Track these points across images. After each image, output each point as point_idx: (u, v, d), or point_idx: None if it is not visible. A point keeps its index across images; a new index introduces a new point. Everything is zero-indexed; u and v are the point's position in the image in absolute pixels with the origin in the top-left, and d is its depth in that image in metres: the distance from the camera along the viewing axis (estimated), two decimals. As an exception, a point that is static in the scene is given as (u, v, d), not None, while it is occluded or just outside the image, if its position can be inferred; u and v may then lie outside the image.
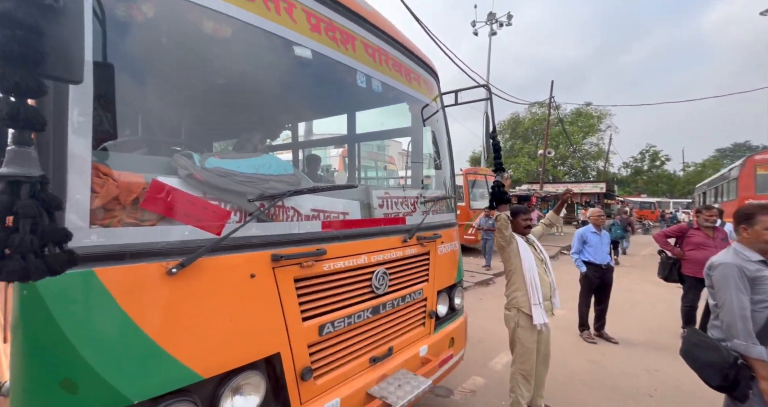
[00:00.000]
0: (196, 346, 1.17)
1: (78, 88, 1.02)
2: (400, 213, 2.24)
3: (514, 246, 2.70)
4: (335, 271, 1.69)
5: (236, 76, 1.96)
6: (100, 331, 0.99)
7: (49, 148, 0.97)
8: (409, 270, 2.20)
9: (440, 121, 2.97)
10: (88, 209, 1.02)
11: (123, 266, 1.03)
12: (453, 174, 3.01)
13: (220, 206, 1.33)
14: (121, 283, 1.02)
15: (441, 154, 3.00)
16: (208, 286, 1.21)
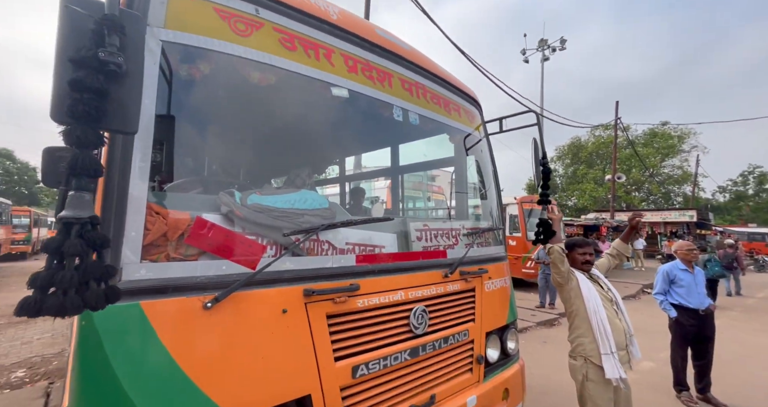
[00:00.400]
0: (228, 385, 1.18)
1: (141, 139, 1.17)
2: (440, 246, 2.15)
3: (574, 283, 2.42)
4: (370, 308, 1.64)
5: (283, 119, 2.14)
6: (141, 364, 1.06)
7: (113, 191, 1.11)
8: (452, 308, 2.06)
9: (484, 150, 2.90)
10: (141, 245, 1.13)
11: (165, 299, 1.11)
12: (500, 204, 2.86)
13: (257, 241, 1.39)
14: (162, 317, 1.09)
15: (486, 183, 2.89)
16: (242, 321, 1.24)
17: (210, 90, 1.61)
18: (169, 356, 1.08)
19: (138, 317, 1.05)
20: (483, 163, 2.91)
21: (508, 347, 2.45)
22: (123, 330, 1.05)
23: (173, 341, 1.09)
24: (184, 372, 1.10)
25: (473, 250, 2.35)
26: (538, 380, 4.11)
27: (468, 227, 2.43)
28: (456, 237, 2.30)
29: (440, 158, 3.41)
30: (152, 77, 1.23)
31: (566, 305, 2.57)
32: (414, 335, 1.81)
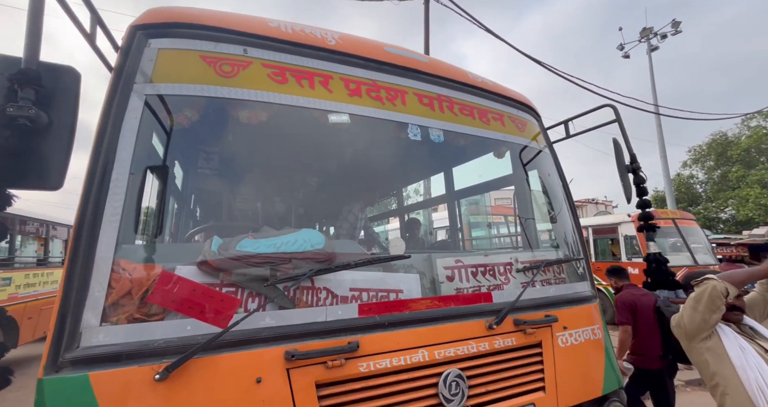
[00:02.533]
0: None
1: (114, 193, 1.20)
2: (482, 287, 1.76)
3: (713, 342, 1.71)
4: (377, 373, 1.35)
5: (288, 155, 2.11)
6: None
7: (80, 245, 1.12)
8: (505, 372, 1.61)
9: (547, 163, 2.43)
10: (102, 306, 1.10)
11: (115, 370, 1.03)
12: (577, 225, 2.30)
13: (233, 294, 1.28)
14: (109, 391, 1.02)
15: (554, 202, 2.39)
16: (202, 395, 1.09)
17: (202, 135, 1.65)
18: None
19: (84, 391, 0.99)
20: (547, 178, 2.43)
21: (608, 429, 1.81)
22: (69, 397, 0.98)
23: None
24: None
25: (534, 290, 1.87)
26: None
27: (524, 260, 1.96)
28: (507, 273, 1.87)
29: (496, 178, 3.02)
30: (131, 131, 1.28)
31: (704, 374, 1.83)
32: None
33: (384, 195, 4.29)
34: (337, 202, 3.47)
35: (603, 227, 9.51)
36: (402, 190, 4.40)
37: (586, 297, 2.05)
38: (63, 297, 1.06)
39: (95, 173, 1.17)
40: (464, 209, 3.57)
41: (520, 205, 2.70)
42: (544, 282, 1.98)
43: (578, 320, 1.92)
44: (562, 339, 1.82)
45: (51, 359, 1.00)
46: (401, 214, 4.42)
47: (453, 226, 3.51)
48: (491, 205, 3.52)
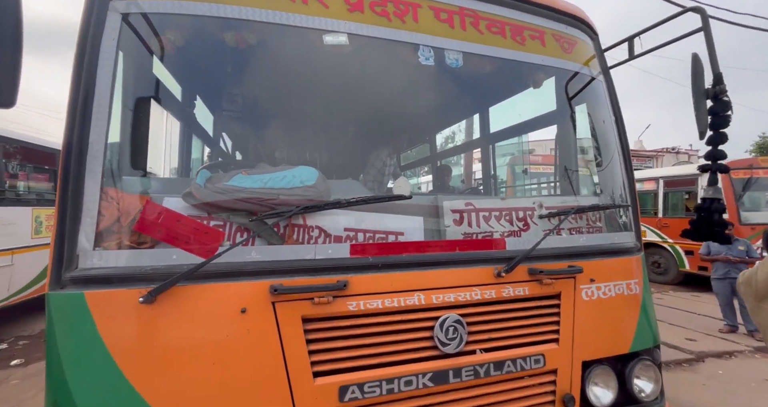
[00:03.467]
0: (170, 392, 1.11)
1: (97, 119, 1.19)
2: (495, 233, 1.61)
3: None
4: (367, 313, 1.32)
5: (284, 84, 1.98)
6: (81, 353, 1.08)
7: (70, 174, 1.16)
8: (513, 321, 1.52)
9: (600, 94, 2.06)
10: (94, 232, 1.15)
11: (107, 291, 1.10)
12: (628, 170, 1.98)
13: (219, 228, 1.28)
14: (103, 309, 1.09)
15: (603, 142, 2.06)
16: (187, 319, 1.15)
17: (197, 62, 1.58)
18: (105, 349, 1.07)
19: (81, 306, 1.08)
20: (597, 114, 2.08)
21: (634, 387, 1.69)
22: (69, 317, 1.08)
23: (111, 335, 1.08)
24: (120, 370, 1.08)
25: (559, 239, 1.69)
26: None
27: (551, 205, 1.75)
28: (527, 220, 1.68)
29: (536, 117, 2.67)
30: (110, 53, 1.24)
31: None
32: (442, 354, 1.39)
33: (415, 141, 4.06)
34: (363, 148, 3.35)
35: (678, 179, 8.41)
36: (435, 137, 4.13)
37: (626, 249, 1.82)
38: (59, 222, 1.12)
39: (77, 99, 1.17)
40: (499, 155, 3.27)
41: (561, 147, 2.38)
42: (573, 230, 1.77)
43: (611, 273, 1.72)
44: (588, 292, 1.65)
45: (54, 277, 1.09)
46: (434, 161, 4.21)
47: (486, 173, 3.27)
48: (529, 150, 3.18)
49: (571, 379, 1.57)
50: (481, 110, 3.28)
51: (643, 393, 1.70)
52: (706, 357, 4.53)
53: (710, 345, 4.86)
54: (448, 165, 3.70)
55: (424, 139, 4.16)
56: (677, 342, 4.91)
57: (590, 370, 1.62)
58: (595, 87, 2.03)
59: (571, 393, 1.55)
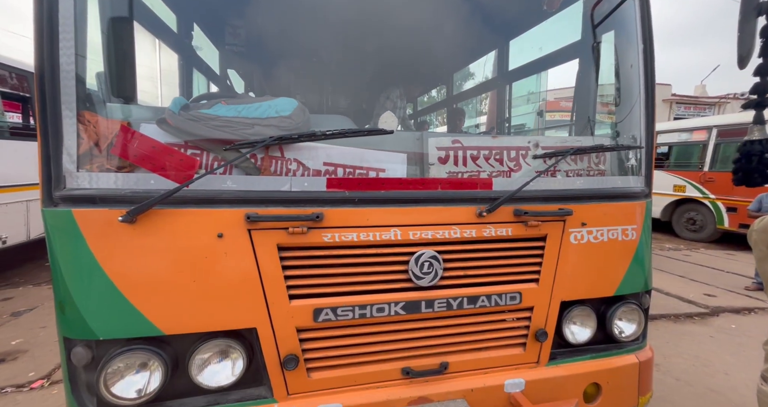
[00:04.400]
0: (156, 300, 1.24)
1: (65, 39, 1.20)
2: (482, 172, 1.57)
3: None
4: (341, 245, 1.38)
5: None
6: (76, 265, 1.21)
7: (47, 96, 1.20)
8: (492, 260, 1.54)
9: (629, 16, 1.82)
10: (76, 154, 1.22)
11: (92, 209, 1.19)
12: (649, 105, 1.80)
13: (194, 155, 1.32)
14: (90, 225, 1.19)
15: (624, 75, 1.87)
16: (166, 240, 1.24)
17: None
18: (96, 262, 1.20)
19: (71, 222, 1.18)
20: (624, 41, 1.86)
21: (614, 329, 1.73)
22: (62, 232, 1.20)
23: (99, 249, 1.20)
24: (110, 280, 1.20)
25: (553, 181, 1.63)
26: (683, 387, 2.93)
27: (548, 145, 1.66)
28: (519, 160, 1.62)
29: (556, 51, 2.44)
30: None
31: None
32: (415, 286, 1.45)
33: (429, 83, 3.83)
34: (372, 88, 3.21)
35: (736, 128, 7.58)
36: (451, 78, 3.87)
37: (629, 194, 1.73)
38: (42, 144, 1.19)
39: (41, 18, 1.16)
40: (516, 97, 3.05)
41: (580, 83, 2.19)
42: (571, 172, 1.70)
43: (606, 218, 1.66)
44: (577, 235, 1.62)
45: (46, 195, 1.19)
46: (449, 105, 4.00)
47: (500, 115, 3.09)
48: (545, 92, 2.94)
49: (547, 317, 1.62)
50: (500, 44, 3.01)
51: (623, 333, 1.75)
52: (722, 312, 4.49)
53: (729, 301, 4.78)
54: (462, 108, 3.50)
55: (438, 81, 3.92)
56: (694, 296, 4.86)
57: (569, 310, 1.66)
58: (626, 9, 1.79)
59: (546, 329, 1.61)
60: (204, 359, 1.31)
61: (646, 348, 1.82)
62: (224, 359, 1.34)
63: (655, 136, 1.78)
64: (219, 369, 1.33)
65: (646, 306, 1.79)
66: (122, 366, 1.23)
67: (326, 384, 1.41)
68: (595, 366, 1.68)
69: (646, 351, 1.81)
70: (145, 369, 1.26)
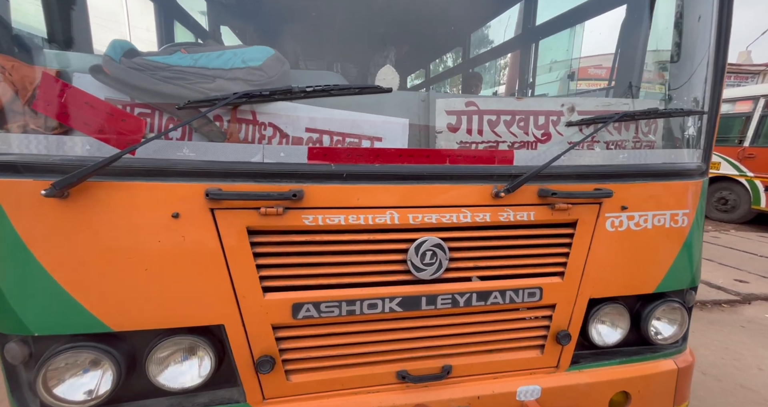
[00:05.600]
0: (99, 291, 1.05)
1: None
2: (501, 143, 1.28)
3: None
4: (327, 229, 1.14)
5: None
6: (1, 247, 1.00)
7: None
8: (509, 249, 1.29)
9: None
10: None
11: (11, 180, 0.97)
12: (719, 63, 1.44)
13: (136, 114, 1.06)
14: (11, 199, 0.98)
15: (687, 29, 1.50)
16: (109, 221, 1.02)
17: None
18: (23, 245, 0.99)
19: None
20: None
21: (650, 330, 1.48)
22: None
23: (26, 230, 0.99)
24: (42, 267, 1.01)
25: (590, 154, 1.33)
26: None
27: (586, 109, 1.34)
28: (550, 127, 1.31)
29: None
30: None
31: None
32: (415, 279, 1.22)
33: (443, 44, 3.41)
34: (376, 46, 2.84)
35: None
36: (468, 39, 3.43)
37: (683, 172, 1.42)
38: None
39: None
40: (543, 57, 2.65)
41: (625, 34, 1.81)
42: (613, 144, 1.39)
43: (653, 200, 1.37)
44: (614, 221, 1.34)
45: None
46: (465, 69, 3.58)
47: (523, 80, 2.70)
48: (579, 48, 2.52)
49: (571, 316, 1.38)
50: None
51: (660, 335, 1.51)
52: (754, 300, 4.18)
53: (763, 287, 4.45)
54: (478, 73, 3.11)
55: (453, 43, 3.48)
56: (723, 282, 4.54)
57: (599, 308, 1.41)
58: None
59: (569, 330, 1.37)
60: (163, 358, 1.13)
61: (686, 351, 1.58)
62: (189, 358, 1.16)
63: (720, 99, 1.44)
64: (183, 369, 1.15)
65: (691, 304, 1.53)
66: (65, 366, 1.06)
67: (308, 387, 1.23)
68: (624, 373, 1.45)
69: (686, 355, 1.56)
70: (95, 368, 1.09)
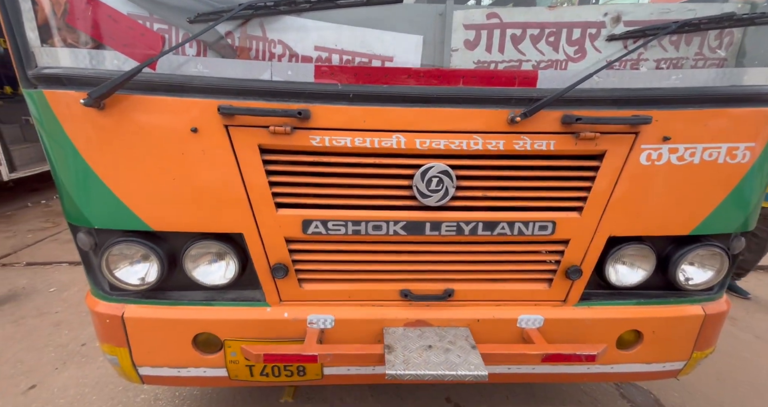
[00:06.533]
0: (139, 195, 1.20)
1: None
2: (525, 62, 1.16)
3: None
4: (333, 151, 1.17)
5: None
6: (59, 152, 1.18)
7: None
8: (522, 180, 1.24)
9: None
10: (36, 28, 1.10)
11: (62, 92, 1.10)
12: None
13: (156, 30, 1.11)
14: (63, 109, 1.12)
15: None
16: (139, 132, 1.14)
17: None
18: (75, 149, 1.15)
19: (45, 105, 1.12)
20: None
21: (678, 274, 1.39)
22: (41, 113, 1.14)
23: (76, 136, 1.14)
24: (92, 169, 1.17)
25: (632, 75, 1.17)
26: None
27: (633, 18, 1.14)
28: (586, 42, 1.15)
29: None
30: None
31: None
32: (420, 205, 1.24)
33: None
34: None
35: None
36: None
37: (753, 96, 1.20)
38: (4, 17, 1.07)
39: None
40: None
41: None
42: (667, 62, 1.19)
43: (707, 130, 1.20)
44: (652, 154, 1.21)
45: (22, 77, 1.12)
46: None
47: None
48: None
49: (585, 254, 1.33)
50: None
51: (691, 281, 1.42)
52: None
53: None
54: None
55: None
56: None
57: (620, 248, 1.34)
58: None
59: (581, 267, 1.34)
60: (196, 258, 1.31)
61: (721, 300, 1.48)
62: (217, 260, 1.34)
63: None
64: (213, 269, 1.34)
65: (737, 251, 1.39)
66: (121, 255, 1.28)
67: (318, 295, 1.37)
68: (639, 313, 1.42)
69: (720, 303, 1.47)
70: (144, 261, 1.31)
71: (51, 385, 2.17)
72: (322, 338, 1.34)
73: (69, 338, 2.59)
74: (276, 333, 1.35)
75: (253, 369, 1.41)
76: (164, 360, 1.40)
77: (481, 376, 1.17)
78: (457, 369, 1.19)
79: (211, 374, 1.42)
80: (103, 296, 1.36)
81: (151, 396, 2.06)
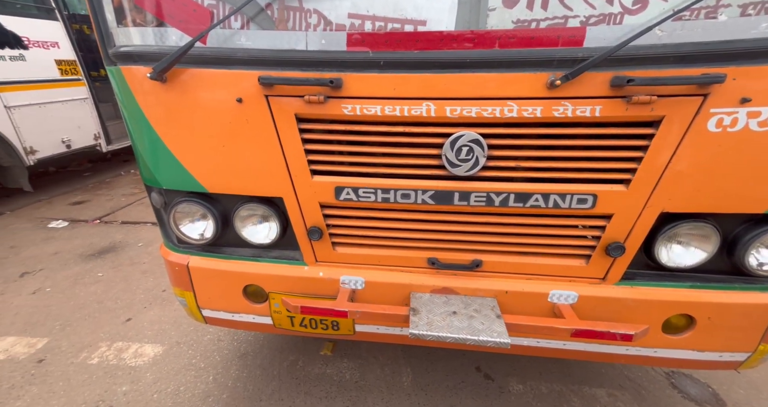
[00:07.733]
0: (196, 159, 1.35)
1: None
2: (570, 18, 1.05)
3: None
4: (363, 119, 1.20)
5: None
6: (134, 120, 1.36)
7: None
8: (561, 150, 1.16)
9: None
10: (113, 8, 1.25)
11: (135, 67, 1.26)
12: None
13: (206, 5, 1.20)
14: (134, 81, 1.28)
15: None
16: (193, 102, 1.26)
17: None
18: (146, 119, 1.32)
19: (122, 80, 1.29)
20: None
21: (748, 258, 1.25)
22: (120, 87, 1.32)
23: (146, 106, 1.30)
24: (159, 136, 1.33)
25: (705, 26, 1.01)
26: None
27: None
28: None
29: None
30: None
31: None
32: (449, 175, 1.23)
33: None
34: None
35: None
36: None
37: None
38: (90, 4, 1.24)
39: None
40: None
41: None
42: (754, 6, 1.01)
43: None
44: (724, 119, 1.06)
45: (105, 56, 1.29)
46: None
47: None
48: None
49: (631, 230, 1.24)
50: None
51: (765, 266, 1.26)
52: None
53: None
54: None
55: None
56: None
57: (675, 225, 1.23)
58: None
59: (624, 244, 1.25)
60: (244, 219, 1.46)
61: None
62: (263, 222, 1.47)
63: None
64: (259, 229, 1.48)
65: None
66: (183, 213, 1.48)
67: (350, 259, 1.46)
68: (693, 296, 1.30)
69: (790, 294, 1.29)
70: (203, 219, 1.49)
71: (142, 319, 2.61)
72: (353, 297, 1.44)
73: (153, 284, 3.06)
74: (312, 289, 1.48)
75: (294, 320, 1.57)
76: (221, 305, 1.61)
77: (503, 344, 1.18)
78: (479, 334, 1.22)
79: (258, 321, 1.61)
80: (173, 248, 1.59)
81: (215, 337, 2.40)
